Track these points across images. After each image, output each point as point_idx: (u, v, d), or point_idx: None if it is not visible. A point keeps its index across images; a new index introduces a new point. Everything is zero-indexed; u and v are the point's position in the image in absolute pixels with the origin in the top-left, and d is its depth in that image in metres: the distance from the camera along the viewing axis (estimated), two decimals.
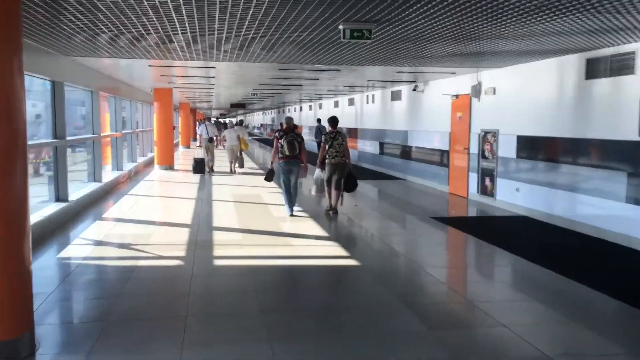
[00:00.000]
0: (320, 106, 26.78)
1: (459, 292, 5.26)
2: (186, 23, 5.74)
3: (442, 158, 12.79)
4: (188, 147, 29.24)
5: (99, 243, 7.00)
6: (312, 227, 8.12)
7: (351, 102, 20.98)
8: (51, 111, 8.66)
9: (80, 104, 15.10)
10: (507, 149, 10.04)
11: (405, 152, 15.19)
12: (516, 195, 9.78)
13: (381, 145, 17.46)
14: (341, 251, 6.73)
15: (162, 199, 11.43)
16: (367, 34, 5.59)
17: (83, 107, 16.01)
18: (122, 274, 5.58)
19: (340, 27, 5.64)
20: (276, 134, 8.81)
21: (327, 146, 8.80)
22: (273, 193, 11.49)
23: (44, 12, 5.42)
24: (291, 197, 8.80)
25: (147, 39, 6.82)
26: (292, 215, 8.75)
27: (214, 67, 10.39)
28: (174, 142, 29.18)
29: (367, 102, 18.78)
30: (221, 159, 18.29)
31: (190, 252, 6.49)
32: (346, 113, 21.77)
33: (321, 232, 7.85)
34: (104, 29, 6.13)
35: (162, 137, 16.84)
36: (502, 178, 10.21)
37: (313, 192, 9.47)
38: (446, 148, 12.55)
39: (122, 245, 6.93)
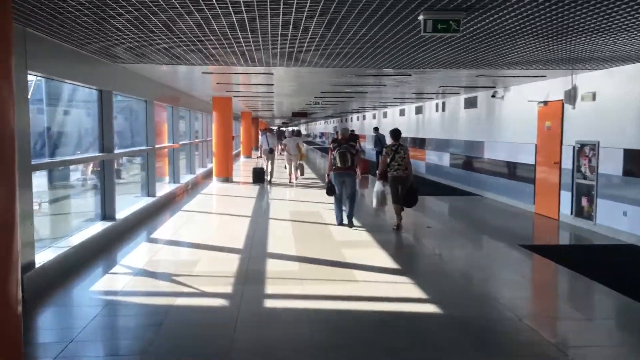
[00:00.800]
0: (385, 115, 25.59)
1: None
2: (247, 18, 4.84)
3: (526, 173, 11.30)
4: (249, 157, 28.84)
5: (140, 272, 6.21)
6: (379, 255, 7.01)
7: (419, 110, 19.68)
8: (98, 122, 8.06)
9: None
10: (610, 164, 8.50)
11: (481, 165, 13.74)
12: (622, 220, 8.22)
13: (451, 156, 16.06)
14: (416, 291, 5.57)
15: (215, 217, 10.64)
16: (454, 25, 4.45)
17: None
18: (155, 317, 4.69)
19: (421, 17, 4.54)
20: (331, 145, 8.65)
21: (388, 159, 8.53)
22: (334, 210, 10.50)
23: (87, 17, 4.69)
24: (342, 208, 8.72)
25: (203, 42, 6.00)
26: (341, 224, 8.72)
27: (272, 74, 9.53)
28: (234, 152, 29.03)
29: (437, 110, 17.43)
30: (281, 169, 17.59)
31: (238, 287, 5.54)
32: (413, 122, 20.49)
33: (389, 261, 6.72)
34: (154, 34, 5.35)
35: (220, 148, 16.25)
36: (604, 199, 8.66)
37: (374, 206, 8.92)
38: (531, 162, 11.06)
39: (163, 276, 6.10)
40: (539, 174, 10.77)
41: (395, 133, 8.71)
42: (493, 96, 12.57)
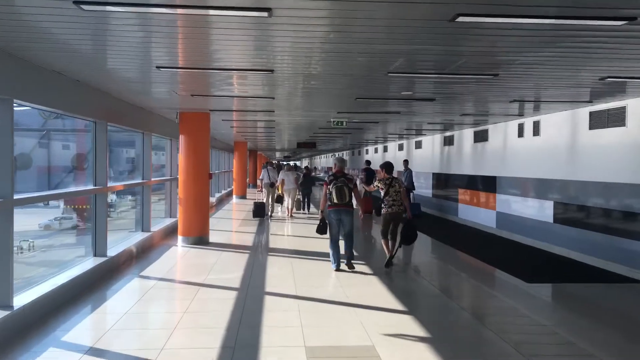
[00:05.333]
0: (419, 145, 19.75)
1: None
2: None
3: None
4: (244, 196, 22.71)
5: None
6: None
7: (481, 136, 13.82)
8: None
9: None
10: None
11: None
12: None
13: (558, 207, 10.11)
14: None
15: (143, 350, 4.55)
16: None
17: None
18: None
19: None
20: (325, 179, 7.90)
21: (382, 193, 7.87)
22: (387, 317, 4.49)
23: None
24: (339, 250, 7.72)
25: None
26: (338, 270, 7.58)
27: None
28: (223, 192, 22.85)
29: (521, 135, 11.56)
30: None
31: None
32: (468, 153, 14.62)
33: None
34: None
35: (189, 191, 10.31)
36: None
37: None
38: None
39: None
40: None
41: (388, 166, 8.11)
42: None
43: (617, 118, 8.39)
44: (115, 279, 7.26)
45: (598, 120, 8.86)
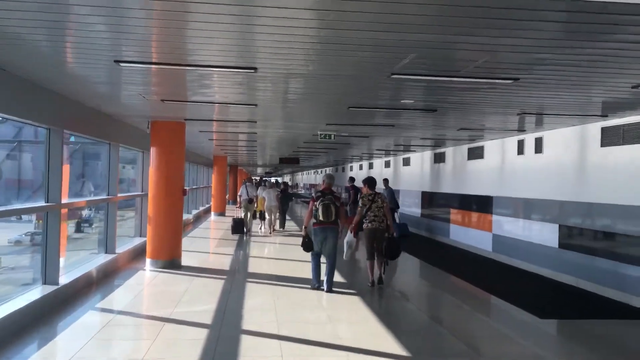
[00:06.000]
0: (407, 162, 18.95)
1: None
2: None
3: None
4: (222, 214, 21.55)
5: None
6: None
7: (475, 153, 13.06)
8: None
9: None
10: None
11: None
12: None
13: (564, 230, 9.32)
14: None
15: None
16: None
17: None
18: None
19: None
20: (313, 195, 8.00)
21: (364, 210, 7.73)
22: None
23: None
24: (319, 269, 7.59)
25: None
26: (318, 288, 7.38)
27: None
28: (200, 209, 21.61)
29: (521, 152, 10.81)
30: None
31: None
32: (459, 171, 13.83)
33: None
34: None
35: (159, 209, 9.26)
36: None
37: (346, 257, 7.98)
38: None
39: None
40: None
41: (371, 181, 8.01)
42: None
43: (635, 134, 7.64)
44: (67, 312, 6.18)
45: (612, 137, 8.11)
